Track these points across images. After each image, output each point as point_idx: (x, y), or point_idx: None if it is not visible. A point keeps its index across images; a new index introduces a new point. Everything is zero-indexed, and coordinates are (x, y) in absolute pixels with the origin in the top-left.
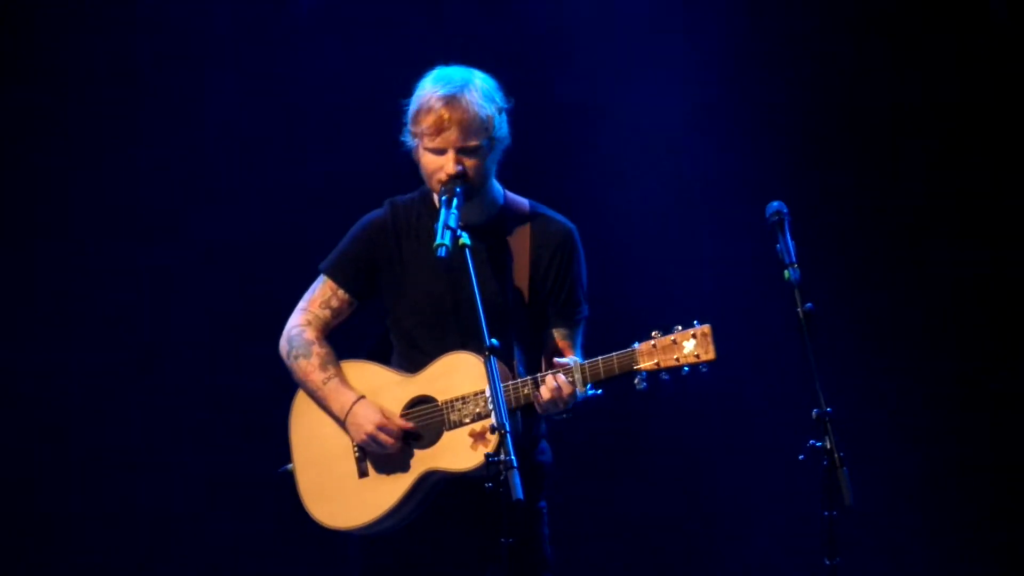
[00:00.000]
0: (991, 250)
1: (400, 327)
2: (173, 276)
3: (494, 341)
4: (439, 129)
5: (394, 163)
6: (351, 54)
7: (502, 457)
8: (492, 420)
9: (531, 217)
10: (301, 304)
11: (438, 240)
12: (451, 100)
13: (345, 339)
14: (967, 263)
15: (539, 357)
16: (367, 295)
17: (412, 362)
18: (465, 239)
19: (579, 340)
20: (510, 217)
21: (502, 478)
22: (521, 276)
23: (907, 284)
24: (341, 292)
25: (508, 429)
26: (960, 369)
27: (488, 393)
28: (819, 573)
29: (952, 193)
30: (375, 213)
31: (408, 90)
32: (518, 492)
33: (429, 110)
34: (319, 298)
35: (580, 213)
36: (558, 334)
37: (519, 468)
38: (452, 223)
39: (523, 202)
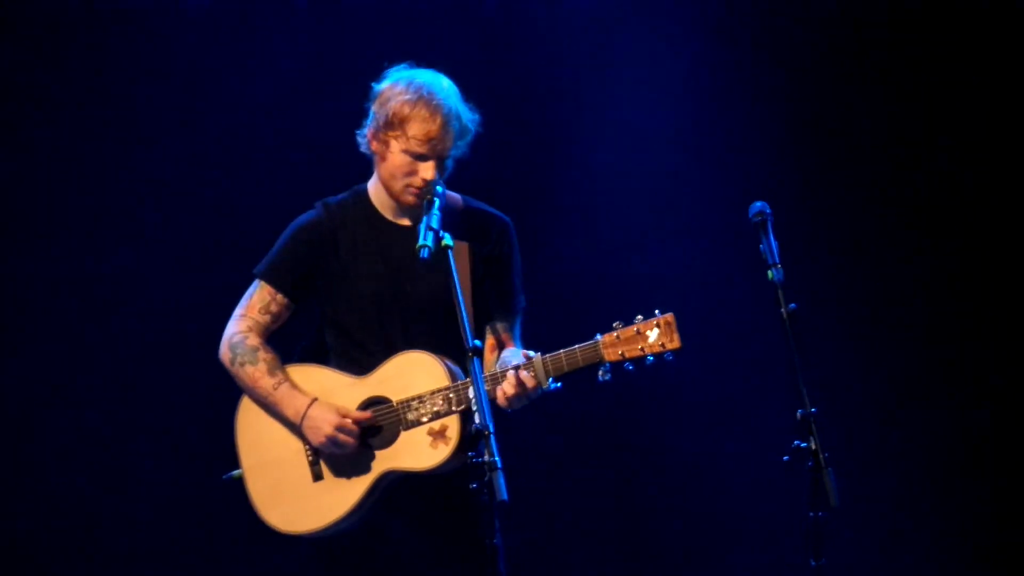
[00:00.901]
0: (978, 246)
1: (340, 328)
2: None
3: (477, 342)
4: (431, 139)
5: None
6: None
7: (486, 458)
8: (455, 417)
9: (466, 212)
10: (238, 311)
11: (421, 241)
12: (446, 112)
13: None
14: (953, 260)
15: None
16: (304, 298)
17: (355, 362)
18: (448, 240)
19: (518, 331)
20: (447, 214)
21: (486, 479)
22: (463, 271)
23: (892, 282)
24: (280, 296)
25: (493, 429)
26: (947, 367)
27: (451, 394)
28: (805, 574)
29: (938, 190)
30: (309, 215)
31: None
32: (503, 493)
33: (423, 119)
34: (257, 303)
35: (560, 209)
36: (499, 326)
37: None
38: (435, 224)
39: (456, 197)
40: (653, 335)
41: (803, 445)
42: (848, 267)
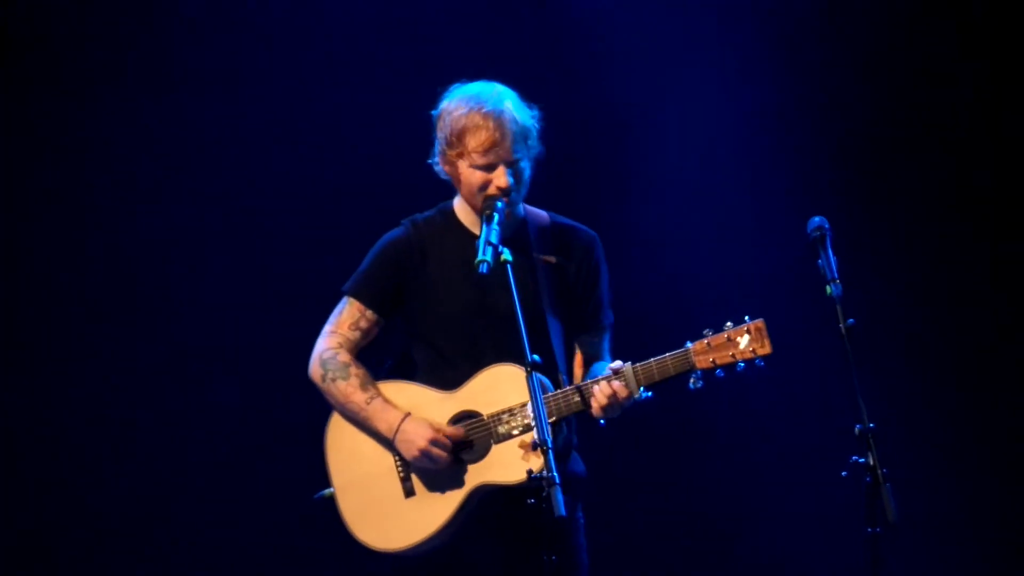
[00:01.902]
0: None
1: (428, 343)
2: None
3: (535, 357)
4: (491, 145)
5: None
6: (375, 59)
7: (544, 473)
8: (535, 435)
9: (553, 228)
10: (328, 328)
11: (480, 256)
12: (498, 116)
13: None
14: (1015, 271)
15: (571, 366)
16: (393, 313)
17: (443, 379)
18: (507, 255)
19: (607, 346)
20: (533, 229)
21: (544, 494)
22: (549, 287)
23: (952, 296)
24: (369, 312)
25: (550, 445)
26: (1010, 381)
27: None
28: None
29: (1002, 201)
30: (396, 232)
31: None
32: (560, 509)
33: (476, 128)
34: (347, 320)
35: (618, 221)
36: (588, 341)
37: (561, 484)
38: (494, 239)
39: (542, 214)
40: (744, 341)
41: (861, 460)
42: (907, 281)
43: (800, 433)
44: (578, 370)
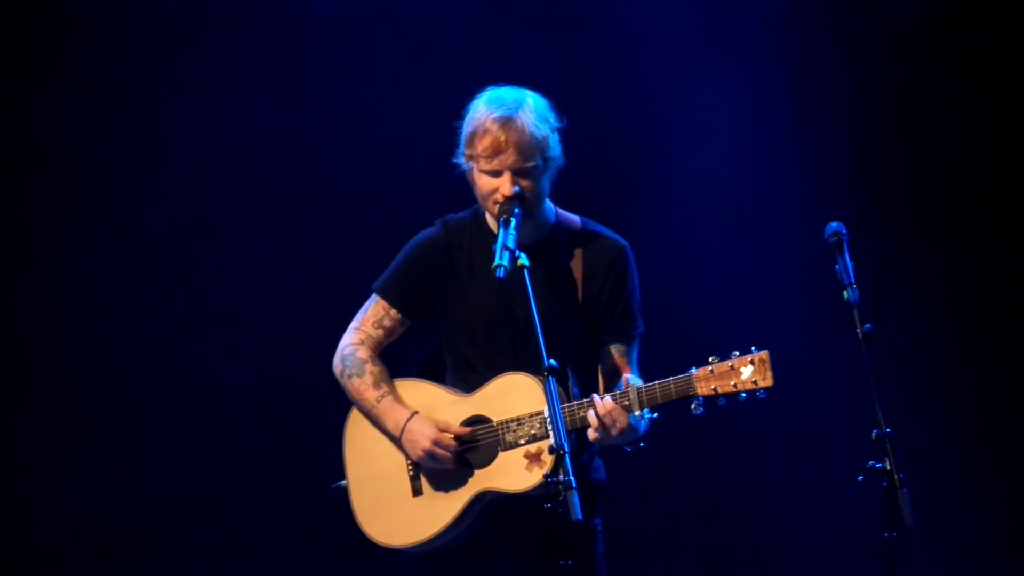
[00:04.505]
0: None
1: (453, 346)
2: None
3: (552, 362)
4: (496, 151)
5: (444, 181)
6: (402, 65)
7: (561, 478)
8: (551, 440)
9: (583, 235)
10: (354, 323)
11: (496, 261)
12: (507, 122)
13: (396, 356)
14: None
15: (594, 376)
16: (420, 315)
17: (465, 381)
18: (524, 260)
19: (635, 356)
20: (562, 235)
21: (561, 499)
22: (575, 295)
23: (969, 301)
24: (394, 312)
25: (567, 449)
26: None
27: (546, 414)
28: None
29: (1019, 207)
30: (428, 232)
31: (461, 107)
32: (577, 513)
33: (485, 132)
34: (372, 317)
35: (636, 227)
36: (615, 351)
37: (577, 489)
38: (511, 244)
39: (575, 219)
40: (747, 372)
41: (878, 465)
42: (925, 286)
43: (817, 438)
44: (602, 380)
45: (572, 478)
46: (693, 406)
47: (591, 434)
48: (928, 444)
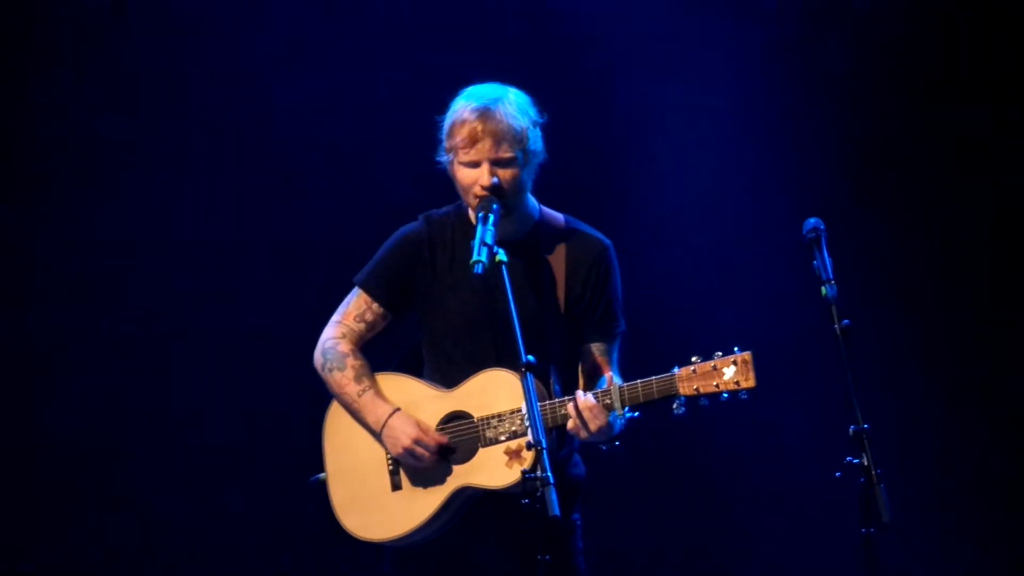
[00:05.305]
0: None
1: (434, 341)
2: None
3: (530, 358)
4: (472, 141)
5: (425, 176)
6: (387, 65)
7: (539, 474)
8: (528, 437)
9: (567, 232)
10: (335, 317)
11: (474, 257)
12: (484, 112)
13: (376, 350)
14: (1011, 274)
15: (575, 375)
16: (402, 309)
17: (446, 376)
18: (502, 256)
19: (615, 355)
20: (545, 232)
21: (538, 495)
22: (557, 292)
23: (947, 297)
24: (376, 305)
25: (545, 445)
26: (1004, 383)
27: (524, 411)
28: None
29: (998, 204)
30: (410, 227)
31: (442, 103)
32: (555, 509)
33: (463, 123)
34: (353, 311)
35: (618, 225)
36: (596, 349)
37: (555, 485)
38: (489, 239)
39: (558, 217)
40: (729, 372)
41: (855, 461)
42: (902, 282)
43: (794, 434)
44: (582, 379)
45: (550, 474)
46: (675, 406)
47: (570, 424)
48: (906, 440)
